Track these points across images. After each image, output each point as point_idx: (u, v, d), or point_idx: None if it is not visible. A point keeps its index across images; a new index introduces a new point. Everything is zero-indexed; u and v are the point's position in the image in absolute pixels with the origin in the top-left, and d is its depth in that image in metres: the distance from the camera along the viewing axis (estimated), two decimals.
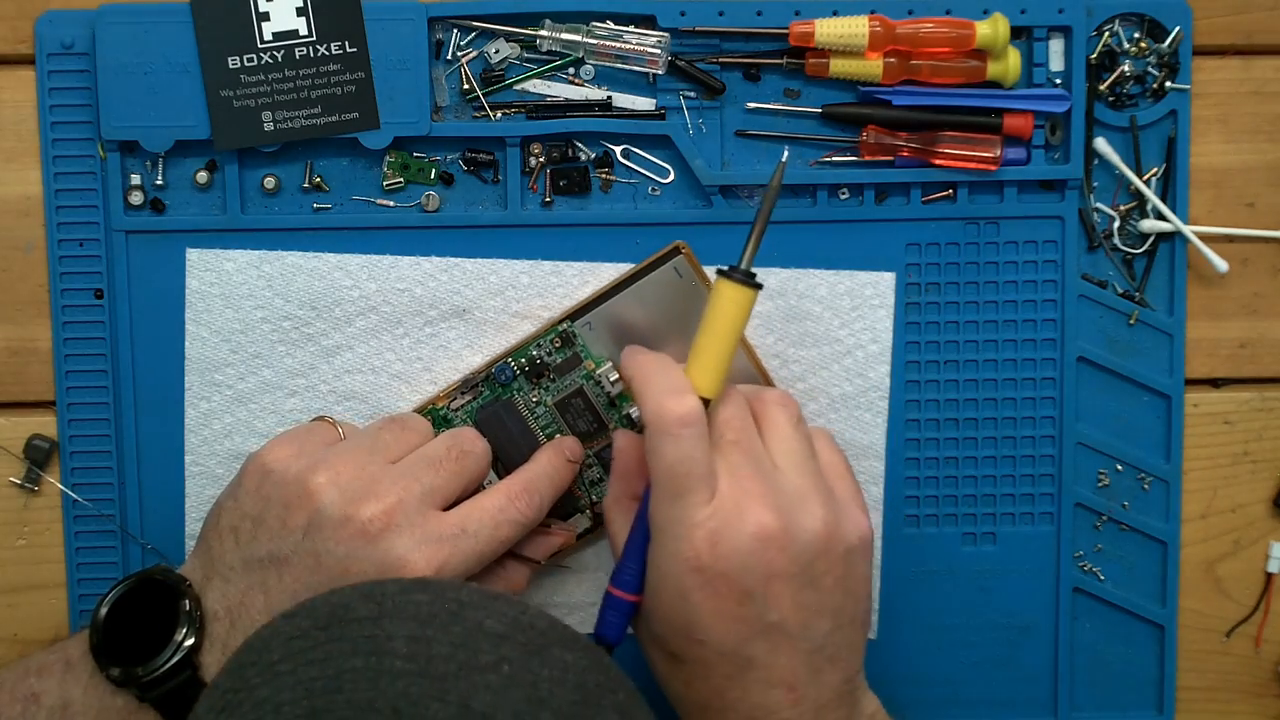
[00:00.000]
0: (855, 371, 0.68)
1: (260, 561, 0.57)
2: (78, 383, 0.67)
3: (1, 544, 0.68)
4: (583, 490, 0.67)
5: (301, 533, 0.57)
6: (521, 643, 0.44)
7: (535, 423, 0.66)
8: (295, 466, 0.59)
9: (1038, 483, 0.69)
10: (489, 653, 0.43)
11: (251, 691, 0.43)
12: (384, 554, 0.56)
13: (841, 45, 0.65)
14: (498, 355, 0.66)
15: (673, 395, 0.56)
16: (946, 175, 0.67)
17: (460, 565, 0.57)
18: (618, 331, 0.66)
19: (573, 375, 0.66)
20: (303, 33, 0.64)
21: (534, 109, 0.66)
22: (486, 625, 0.44)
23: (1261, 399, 0.70)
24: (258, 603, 0.57)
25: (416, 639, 0.43)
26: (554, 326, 0.66)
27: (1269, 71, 0.69)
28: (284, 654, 0.44)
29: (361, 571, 0.56)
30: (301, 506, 0.57)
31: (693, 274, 0.66)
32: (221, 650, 0.57)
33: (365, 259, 0.66)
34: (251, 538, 0.58)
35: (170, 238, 0.66)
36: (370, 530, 0.56)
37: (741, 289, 0.58)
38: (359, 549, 0.56)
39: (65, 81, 0.65)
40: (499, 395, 0.66)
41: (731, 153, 0.67)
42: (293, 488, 0.58)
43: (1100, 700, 0.70)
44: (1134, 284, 0.69)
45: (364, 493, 0.57)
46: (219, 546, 0.59)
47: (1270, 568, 0.70)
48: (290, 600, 0.56)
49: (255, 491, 0.59)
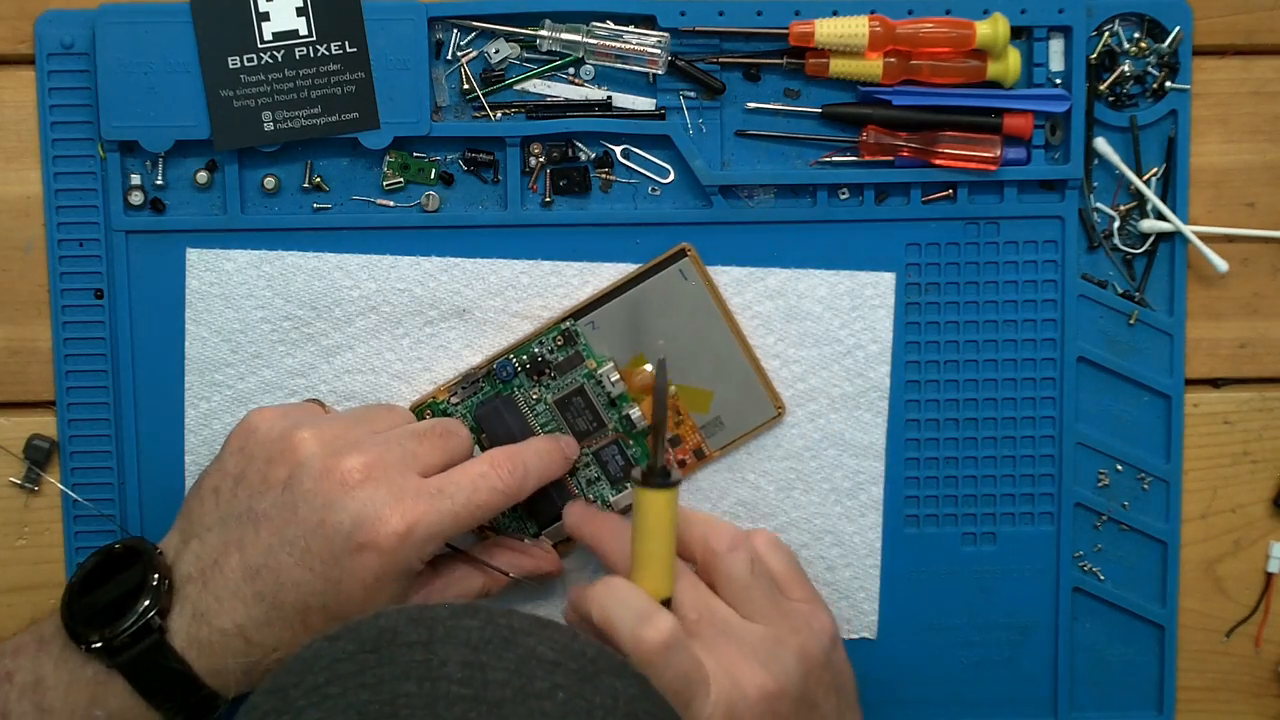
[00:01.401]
0: (855, 371, 0.68)
1: (238, 517, 0.58)
2: (78, 383, 0.67)
3: (1, 544, 0.68)
4: (580, 491, 0.67)
5: (282, 486, 0.58)
6: (574, 670, 0.44)
7: (535, 419, 0.66)
8: (281, 425, 0.60)
9: (1038, 483, 0.69)
10: (543, 679, 0.43)
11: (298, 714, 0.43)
12: (360, 505, 0.57)
13: (841, 45, 0.65)
14: (499, 351, 0.66)
15: (643, 623, 0.56)
16: (946, 175, 0.67)
17: (435, 524, 0.58)
18: (621, 331, 0.66)
19: (574, 374, 0.66)
20: (303, 33, 0.64)
21: (534, 109, 0.66)
22: (539, 651, 0.44)
23: (1261, 399, 0.70)
24: (232, 561, 0.57)
25: (470, 664, 0.43)
26: (556, 325, 0.66)
27: (1269, 71, 0.69)
28: (330, 676, 0.43)
29: (337, 522, 0.56)
30: (284, 460, 0.58)
31: (698, 277, 0.66)
32: (192, 614, 0.57)
33: (365, 259, 0.66)
34: (232, 495, 0.59)
35: (170, 238, 0.66)
36: (349, 480, 0.57)
37: (663, 493, 0.58)
38: (336, 498, 0.57)
39: (65, 81, 0.65)
40: (499, 391, 0.66)
41: (731, 153, 0.67)
42: (277, 444, 0.59)
43: (1100, 700, 0.70)
44: (1134, 284, 0.69)
45: (347, 448, 0.58)
46: (199, 508, 0.59)
47: (1270, 568, 0.70)
48: (266, 556, 0.57)
49: (239, 451, 0.60)
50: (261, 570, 0.57)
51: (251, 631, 0.57)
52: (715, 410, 0.67)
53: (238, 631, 0.57)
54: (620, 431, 0.66)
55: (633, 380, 0.66)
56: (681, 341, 0.66)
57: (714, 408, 0.67)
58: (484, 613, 0.45)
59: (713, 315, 0.66)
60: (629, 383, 0.66)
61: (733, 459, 0.67)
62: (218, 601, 0.57)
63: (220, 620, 0.57)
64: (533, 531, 0.67)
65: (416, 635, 0.44)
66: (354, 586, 0.57)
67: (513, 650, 0.44)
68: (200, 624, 0.57)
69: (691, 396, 0.67)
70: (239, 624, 0.57)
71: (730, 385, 0.67)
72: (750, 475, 0.68)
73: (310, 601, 0.57)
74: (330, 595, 0.57)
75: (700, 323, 0.66)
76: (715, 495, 0.68)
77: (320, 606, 0.57)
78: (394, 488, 0.58)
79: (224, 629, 0.57)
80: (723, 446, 0.67)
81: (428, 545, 0.58)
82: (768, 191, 0.67)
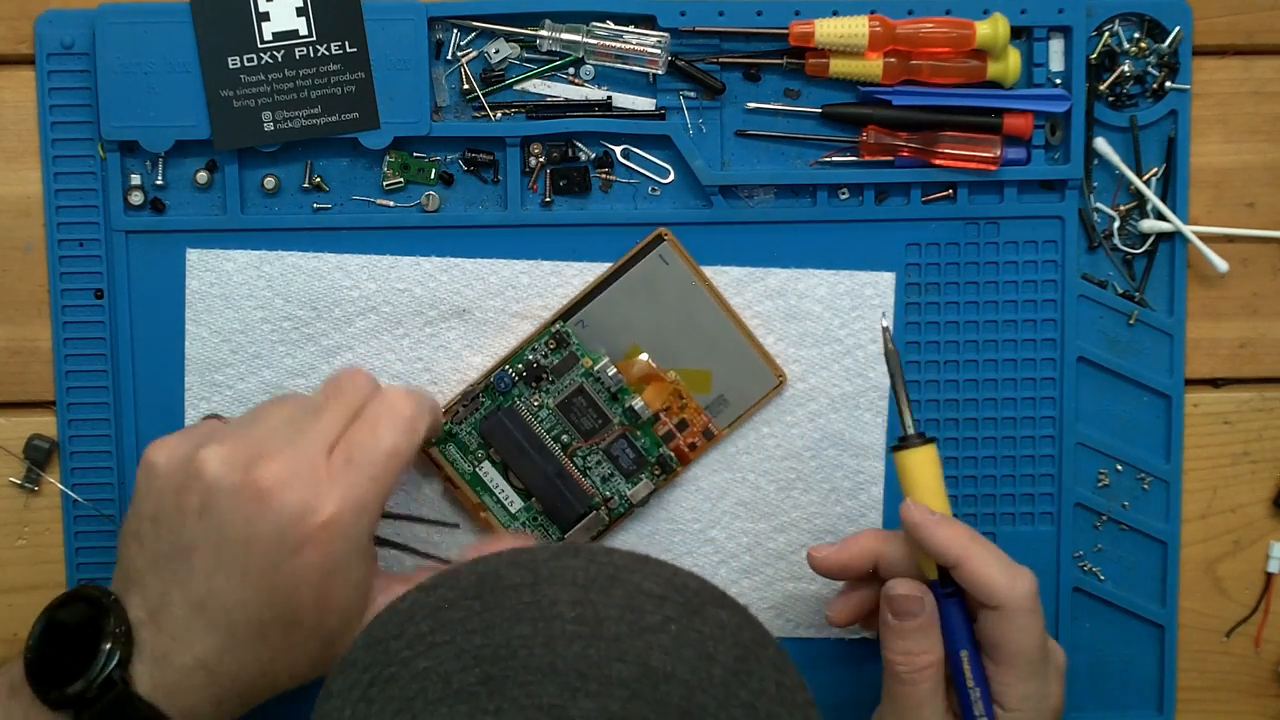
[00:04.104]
0: (855, 371, 0.68)
1: (167, 556, 0.56)
2: (78, 383, 0.67)
3: (1, 544, 0.68)
4: (595, 488, 0.67)
5: (198, 513, 0.56)
6: (680, 602, 0.44)
7: (540, 426, 0.66)
8: (179, 452, 0.57)
9: (1038, 483, 0.69)
10: (653, 613, 0.43)
11: (406, 665, 0.42)
12: (282, 506, 0.55)
13: (841, 45, 0.65)
14: (493, 365, 0.66)
15: (1012, 571, 0.59)
16: (946, 175, 0.67)
17: (358, 496, 0.56)
18: (611, 326, 0.66)
19: (571, 375, 0.66)
20: (303, 33, 0.64)
21: (534, 109, 0.66)
22: (645, 587, 0.44)
23: (1261, 399, 0.70)
24: (175, 598, 0.56)
25: (580, 603, 0.43)
26: (547, 329, 0.66)
27: (1269, 71, 0.69)
28: (434, 624, 0.43)
29: (266, 535, 0.55)
30: (192, 487, 0.56)
31: (679, 259, 0.66)
32: (151, 658, 0.56)
33: (365, 259, 0.66)
34: (154, 536, 0.57)
35: (170, 238, 0.66)
36: (263, 486, 0.55)
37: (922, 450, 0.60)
38: (257, 508, 0.55)
39: (65, 81, 0.65)
40: (500, 404, 0.66)
41: (731, 153, 0.67)
42: (179, 473, 0.57)
43: (1100, 700, 0.70)
44: (1134, 284, 0.69)
45: (252, 457, 0.56)
46: (127, 555, 0.58)
47: (1270, 568, 0.70)
48: (206, 585, 0.55)
49: (146, 490, 0.58)
50: (206, 600, 0.55)
51: (213, 663, 0.56)
52: (717, 389, 0.67)
53: (199, 665, 0.56)
54: (626, 425, 0.66)
55: (630, 372, 0.66)
56: (672, 326, 0.66)
57: (715, 386, 0.67)
58: (584, 552, 0.45)
59: (699, 295, 0.66)
60: (627, 375, 0.66)
61: (733, 459, 0.67)
62: (173, 640, 0.56)
63: (180, 658, 0.55)
64: (556, 537, 0.67)
65: (520, 577, 0.44)
66: (302, 589, 0.56)
67: (619, 587, 0.44)
68: (162, 666, 0.56)
69: (691, 378, 0.67)
70: (199, 658, 0.55)
71: (728, 362, 0.67)
72: (750, 475, 0.68)
73: (263, 616, 0.56)
74: (281, 605, 0.56)
75: (688, 304, 0.66)
76: (715, 495, 0.68)
77: (274, 619, 0.56)
78: (308, 479, 0.56)
79: (185, 665, 0.55)
80: (730, 423, 0.67)
81: (363, 518, 0.57)
82: (768, 191, 0.67)
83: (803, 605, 0.69)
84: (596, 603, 0.43)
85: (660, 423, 0.66)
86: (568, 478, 0.66)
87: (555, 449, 0.66)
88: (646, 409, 0.66)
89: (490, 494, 0.67)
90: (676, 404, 0.67)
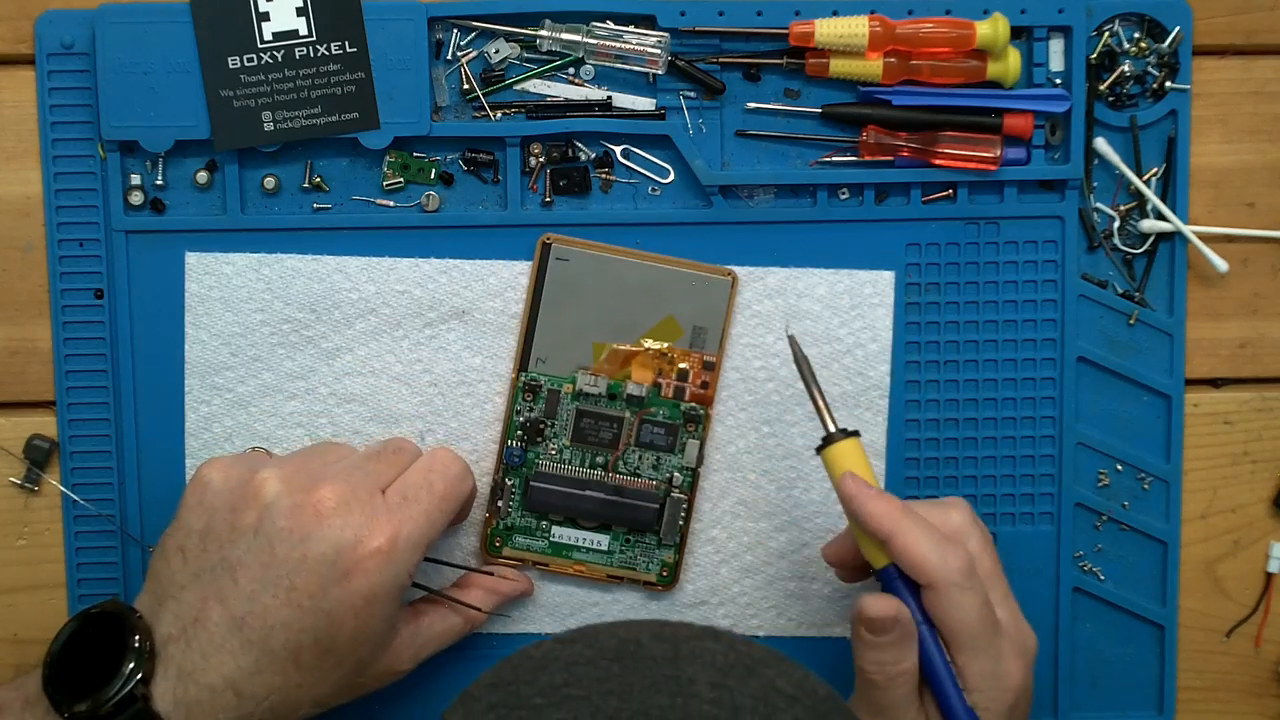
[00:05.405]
0: (855, 370, 0.68)
1: (212, 570, 0.57)
2: (78, 383, 0.67)
3: (1, 544, 0.68)
4: (653, 480, 0.67)
5: (253, 531, 0.57)
6: (809, 706, 0.44)
7: (570, 466, 0.67)
8: (236, 472, 0.59)
9: (1038, 483, 0.69)
10: (785, 711, 0.43)
11: (538, 712, 0.42)
12: (339, 531, 0.57)
13: (841, 45, 0.65)
14: (496, 454, 0.67)
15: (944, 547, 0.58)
16: (946, 175, 0.67)
17: (412, 531, 0.58)
18: (563, 342, 0.66)
19: (563, 408, 0.66)
20: (303, 33, 0.64)
21: (534, 109, 0.66)
22: (779, 684, 0.44)
23: (1261, 399, 0.70)
24: (214, 614, 0.56)
25: (719, 686, 0.43)
26: (516, 387, 0.66)
27: (1269, 71, 0.69)
28: (568, 679, 0.43)
29: (320, 553, 0.56)
30: (249, 505, 0.58)
31: (578, 250, 0.66)
32: (177, 675, 0.56)
33: (364, 261, 0.66)
34: (201, 551, 0.58)
35: (170, 238, 0.66)
36: (322, 510, 0.57)
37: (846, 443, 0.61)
38: (313, 530, 0.57)
39: (65, 81, 0.65)
40: (525, 475, 0.67)
41: (731, 153, 0.67)
42: (238, 490, 0.58)
43: (1100, 700, 0.70)
44: (1134, 284, 0.69)
45: (311, 481, 0.58)
46: (167, 569, 0.58)
47: (1270, 568, 0.70)
48: (249, 603, 0.56)
49: (198, 505, 0.59)
50: (247, 617, 0.56)
51: (242, 683, 0.56)
52: (686, 325, 0.67)
53: (227, 685, 0.56)
54: (638, 411, 0.66)
55: (609, 368, 0.66)
56: (610, 304, 0.66)
57: (684, 324, 0.67)
58: (725, 638, 0.46)
59: (610, 262, 0.66)
60: (607, 372, 0.66)
61: (733, 459, 0.68)
62: (204, 658, 0.56)
63: (208, 676, 0.56)
64: (655, 544, 0.67)
65: (662, 651, 0.44)
66: (345, 614, 0.57)
67: (755, 679, 0.44)
68: (187, 683, 0.55)
69: (660, 332, 0.66)
70: (228, 677, 0.56)
71: (677, 297, 0.66)
72: (751, 475, 0.68)
73: (301, 639, 0.56)
74: (322, 629, 0.56)
75: (608, 276, 0.66)
76: (715, 495, 0.68)
77: (312, 643, 0.56)
78: (366, 508, 0.58)
79: (212, 684, 0.56)
80: (719, 345, 0.67)
81: (413, 554, 0.58)
82: (768, 191, 0.67)
83: (803, 605, 0.69)
84: (734, 689, 0.43)
85: (663, 388, 0.66)
86: (624, 489, 0.67)
87: (597, 474, 0.67)
88: (642, 386, 0.66)
89: (575, 549, 0.67)
90: (664, 364, 0.67)
